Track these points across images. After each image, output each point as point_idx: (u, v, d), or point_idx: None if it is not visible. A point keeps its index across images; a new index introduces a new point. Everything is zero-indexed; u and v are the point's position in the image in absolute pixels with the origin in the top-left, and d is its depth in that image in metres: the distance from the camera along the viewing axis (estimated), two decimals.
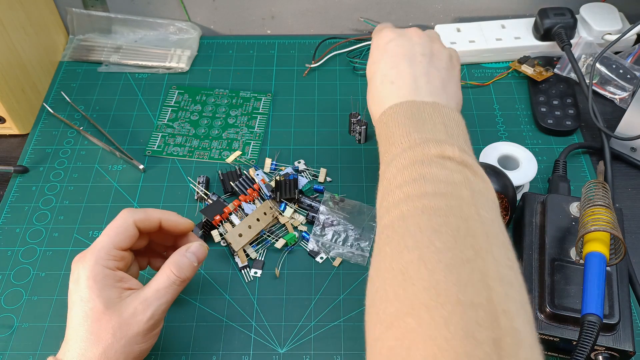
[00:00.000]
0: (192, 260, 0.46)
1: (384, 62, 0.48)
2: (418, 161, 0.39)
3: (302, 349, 0.50)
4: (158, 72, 0.74)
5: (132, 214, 0.45)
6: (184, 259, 0.45)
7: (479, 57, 0.73)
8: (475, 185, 0.38)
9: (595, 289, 0.42)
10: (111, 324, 0.41)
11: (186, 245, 0.47)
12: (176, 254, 0.46)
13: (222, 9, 0.77)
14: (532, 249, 0.51)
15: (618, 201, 0.60)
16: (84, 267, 0.42)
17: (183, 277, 0.44)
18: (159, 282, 0.44)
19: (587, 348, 0.40)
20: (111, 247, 0.43)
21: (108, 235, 0.44)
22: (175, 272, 0.44)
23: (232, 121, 0.68)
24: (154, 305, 0.42)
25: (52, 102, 0.70)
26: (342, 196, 0.58)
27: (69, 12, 0.76)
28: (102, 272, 0.42)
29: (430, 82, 0.47)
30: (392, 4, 0.76)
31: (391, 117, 0.44)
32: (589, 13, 0.72)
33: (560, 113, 0.66)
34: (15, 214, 0.60)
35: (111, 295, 0.42)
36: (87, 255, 0.43)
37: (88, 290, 0.41)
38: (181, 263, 0.45)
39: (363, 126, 0.64)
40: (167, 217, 0.47)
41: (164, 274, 0.44)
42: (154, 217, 0.46)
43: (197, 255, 0.46)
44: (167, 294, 0.43)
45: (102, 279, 0.42)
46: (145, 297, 0.42)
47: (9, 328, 0.52)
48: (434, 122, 0.43)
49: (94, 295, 0.41)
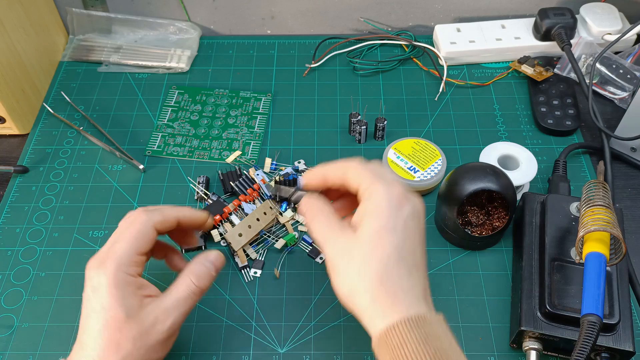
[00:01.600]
0: (210, 269, 0.45)
1: (398, 236, 0.40)
2: None
3: (302, 349, 0.50)
4: (158, 72, 0.74)
5: (150, 216, 0.44)
6: (203, 268, 0.45)
7: (479, 57, 0.73)
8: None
9: (595, 289, 0.42)
10: (132, 333, 0.40)
11: (204, 254, 0.46)
12: (195, 262, 0.45)
13: (222, 9, 0.77)
14: (532, 249, 0.51)
15: (618, 201, 0.60)
16: (105, 274, 0.41)
17: (202, 287, 0.44)
18: (179, 291, 0.43)
19: (587, 348, 0.40)
20: (133, 254, 0.42)
21: (128, 241, 0.43)
22: (195, 281, 0.44)
23: (232, 121, 0.68)
24: (174, 314, 0.42)
25: (52, 102, 0.70)
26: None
27: (69, 12, 0.76)
28: (125, 280, 0.41)
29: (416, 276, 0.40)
30: (392, 4, 0.76)
31: (403, 342, 0.37)
32: (589, 13, 0.72)
33: (560, 113, 0.66)
34: (15, 214, 0.60)
35: (133, 304, 0.41)
36: (107, 261, 0.42)
37: (110, 297, 0.40)
38: (200, 272, 0.44)
39: (363, 126, 0.64)
40: (183, 213, 0.47)
41: (184, 283, 0.43)
42: (171, 216, 0.46)
43: (216, 265, 0.46)
44: (187, 303, 0.43)
45: (124, 287, 0.41)
46: (166, 306, 0.42)
47: (9, 328, 0.52)
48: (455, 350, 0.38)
49: (116, 303, 0.40)
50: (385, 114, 0.67)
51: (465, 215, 0.55)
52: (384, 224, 0.39)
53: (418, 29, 0.79)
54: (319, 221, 0.42)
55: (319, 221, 0.42)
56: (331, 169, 0.44)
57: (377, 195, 0.40)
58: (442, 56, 0.72)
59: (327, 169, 0.44)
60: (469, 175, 0.52)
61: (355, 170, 0.42)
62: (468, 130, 0.66)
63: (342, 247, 0.40)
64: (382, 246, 0.39)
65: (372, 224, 0.39)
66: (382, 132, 0.65)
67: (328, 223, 0.41)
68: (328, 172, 0.44)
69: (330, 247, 0.40)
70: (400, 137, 0.62)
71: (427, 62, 0.74)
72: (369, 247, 0.39)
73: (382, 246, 0.39)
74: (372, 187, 0.41)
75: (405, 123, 0.67)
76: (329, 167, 0.44)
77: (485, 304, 0.53)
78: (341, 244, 0.40)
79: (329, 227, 0.41)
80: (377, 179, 0.41)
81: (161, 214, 0.45)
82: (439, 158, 0.60)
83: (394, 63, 0.74)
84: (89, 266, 0.42)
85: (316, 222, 0.42)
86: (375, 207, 0.40)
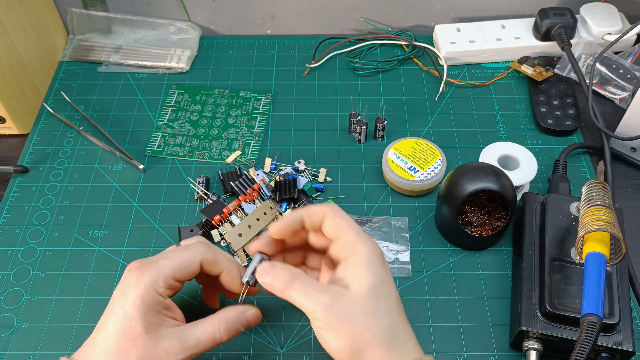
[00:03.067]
0: (242, 325, 0.44)
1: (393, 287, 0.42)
2: None
3: (302, 349, 0.50)
4: (158, 72, 0.74)
5: (204, 252, 0.44)
6: (236, 321, 0.44)
7: (479, 57, 0.73)
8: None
9: (595, 289, 0.42)
10: (144, 348, 0.40)
11: (244, 307, 0.45)
12: (232, 311, 0.44)
13: (222, 9, 0.77)
14: (532, 249, 0.51)
15: (618, 201, 0.60)
16: (138, 285, 0.42)
17: (226, 339, 0.44)
18: (204, 332, 0.43)
19: (587, 348, 0.40)
20: (170, 276, 0.43)
21: (174, 264, 0.43)
22: (223, 331, 0.43)
23: (232, 121, 0.68)
24: (190, 352, 0.42)
25: (52, 102, 0.70)
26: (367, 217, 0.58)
27: (69, 12, 0.76)
28: (153, 297, 0.42)
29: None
30: (392, 4, 0.76)
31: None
32: (589, 13, 0.72)
33: (560, 113, 0.66)
34: (15, 214, 0.60)
35: (154, 321, 0.41)
36: (146, 273, 0.42)
37: (134, 308, 0.41)
38: (233, 324, 0.44)
39: (363, 126, 0.64)
40: (229, 269, 0.45)
41: (212, 326, 0.43)
42: (222, 264, 0.45)
43: (249, 323, 0.45)
44: (205, 346, 0.42)
45: (151, 303, 0.41)
46: (186, 339, 0.42)
47: (8, 328, 0.52)
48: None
49: (138, 315, 0.41)
50: (385, 114, 0.67)
51: (465, 215, 0.55)
52: (382, 279, 0.41)
53: (418, 29, 0.79)
54: (299, 288, 0.41)
55: (299, 288, 0.41)
56: (310, 213, 0.44)
57: (366, 251, 0.41)
58: (442, 56, 0.72)
59: (305, 212, 0.44)
60: (469, 175, 0.52)
61: (336, 219, 0.43)
62: (468, 130, 0.66)
63: (342, 306, 0.39)
64: (386, 299, 0.40)
65: (370, 280, 0.40)
66: (382, 132, 0.65)
67: (311, 287, 0.41)
68: (307, 217, 0.44)
69: (325, 309, 0.39)
70: (400, 137, 0.62)
71: (427, 62, 0.74)
72: (375, 302, 0.40)
73: (386, 299, 0.40)
74: (357, 242, 0.41)
75: (405, 123, 0.67)
76: (307, 211, 0.44)
77: (485, 304, 0.52)
78: (340, 304, 0.39)
79: (314, 291, 0.40)
80: (359, 234, 0.42)
81: (214, 255, 0.45)
82: (439, 158, 0.60)
83: (394, 63, 0.74)
84: (130, 267, 0.43)
85: (295, 290, 0.41)
86: (366, 263, 0.41)
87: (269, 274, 0.42)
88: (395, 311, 0.41)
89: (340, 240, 0.42)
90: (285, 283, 0.41)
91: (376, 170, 0.63)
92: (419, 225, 0.58)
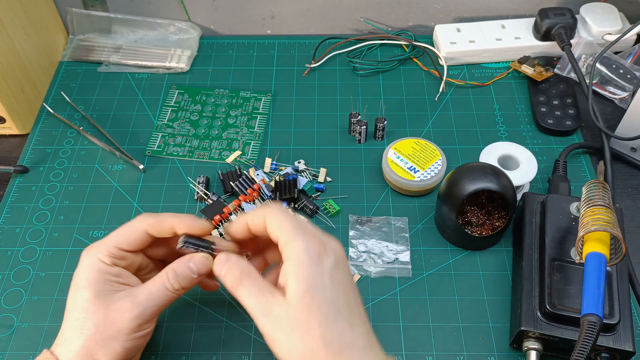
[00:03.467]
0: (192, 271, 0.43)
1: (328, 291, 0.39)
2: None
3: None
4: (158, 72, 0.74)
5: (144, 219, 0.44)
6: (183, 267, 0.43)
7: (479, 57, 0.73)
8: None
9: (595, 289, 0.42)
10: (97, 314, 0.41)
11: (190, 255, 0.44)
12: (178, 261, 0.44)
13: (222, 9, 0.77)
14: (532, 249, 0.51)
15: (618, 201, 0.60)
16: (86, 257, 0.43)
17: (178, 287, 0.43)
18: (154, 284, 0.43)
19: (587, 348, 0.40)
20: (112, 245, 0.43)
21: (116, 233, 0.44)
22: (171, 279, 0.43)
23: (232, 121, 0.68)
24: (143, 306, 0.42)
25: (52, 102, 0.70)
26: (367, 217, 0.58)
27: (69, 12, 0.76)
28: (98, 266, 0.42)
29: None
30: (392, 4, 0.76)
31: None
32: (589, 13, 0.72)
33: (560, 113, 0.66)
34: (15, 214, 0.60)
35: (104, 288, 0.42)
36: (92, 246, 0.44)
37: (84, 279, 0.42)
38: (179, 271, 0.43)
39: (363, 126, 0.64)
40: (180, 220, 0.44)
41: (160, 278, 0.43)
42: (166, 222, 0.44)
43: (199, 268, 0.43)
44: (159, 298, 0.42)
45: (98, 271, 0.42)
46: (136, 295, 0.42)
47: (8, 328, 0.52)
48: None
49: (87, 283, 0.42)
50: (385, 114, 0.67)
51: (465, 215, 0.55)
52: (312, 284, 0.38)
53: (418, 29, 0.79)
54: (246, 287, 0.40)
55: (246, 287, 0.40)
56: (252, 217, 0.43)
57: (296, 252, 0.39)
58: (442, 56, 0.72)
59: (249, 216, 0.43)
60: (469, 175, 0.52)
61: (274, 219, 0.41)
62: (468, 130, 0.66)
63: (277, 316, 0.38)
64: (317, 306, 0.38)
65: (299, 286, 0.38)
66: (382, 132, 0.65)
67: (257, 288, 0.40)
68: (250, 221, 0.43)
69: (264, 319, 0.39)
70: (400, 137, 0.62)
71: (427, 62, 0.74)
72: (305, 311, 0.37)
73: (317, 306, 0.38)
74: (291, 243, 0.39)
75: (405, 123, 0.67)
76: (250, 215, 0.43)
77: (485, 304, 0.52)
78: (275, 313, 0.38)
79: (259, 293, 0.39)
80: (294, 232, 0.40)
81: (156, 218, 0.44)
82: (439, 158, 0.60)
83: (394, 63, 0.74)
84: (84, 250, 0.45)
85: (243, 289, 0.40)
86: (297, 266, 0.38)
87: (223, 266, 0.42)
88: (330, 318, 0.38)
89: (280, 240, 0.40)
90: (235, 280, 0.40)
91: (376, 170, 0.63)
92: (419, 225, 0.58)
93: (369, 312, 0.52)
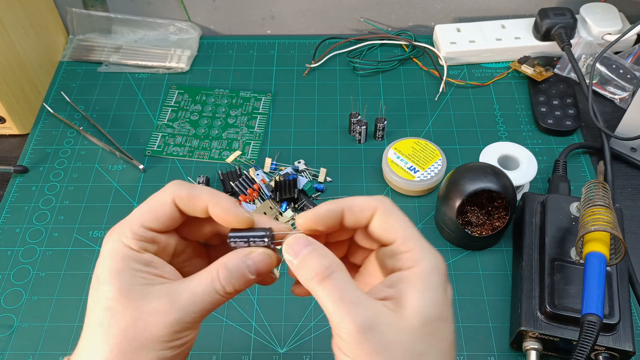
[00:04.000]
0: (249, 270, 0.33)
1: (451, 327, 0.32)
2: None
3: (302, 349, 0.50)
4: (158, 72, 0.74)
5: (174, 189, 0.34)
6: (240, 265, 0.33)
7: (479, 57, 0.73)
8: None
9: (595, 289, 0.42)
10: (124, 316, 0.31)
11: (249, 249, 0.34)
12: (233, 255, 0.33)
13: (222, 9, 0.77)
14: (532, 249, 0.51)
15: (618, 201, 0.60)
16: (108, 242, 0.33)
17: (231, 290, 0.32)
18: (199, 283, 0.32)
19: (587, 348, 0.40)
20: (137, 224, 0.33)
21: (141, 209, 0.34)
22: (222, 278, 0.32)
23: (232, 121, 0.68)
24: (184, 310, 0.31)
25: (52, 102, 0.70)
26: None
27: (69, 12, 0.76)
28: (123, 252, 0.32)
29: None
30: (392, 4, 0.76)
31: None
32: (589, 13, 0.72)
33: (560, 113, 0.66)
34: (15, 214, 0.60)
35: (132, 281, 0.32)
36: (115, 228, 0.33)
37: (107, 270, 0.32)
38: (234, 269, 0.32)
39: (363, 126, 0.64)
40: (217, 201, 0.34)
41: (209, 275, 0.32)
42: (200, 200, 0.34)
43: (258, 267, 0.33)
44: (205, 301, 0.32)
45: (122, 259, 0.32)
46: (176, 295, 0.32)
47: (8, 328, 0.52)
48: None
49: (110, 276, 0.32)
50: (385, 114, 0.67)
51: (465, 215, 0.55)
52: (439, 314, 0.30)
53: (418, 29, 0.79)
54: (339, 284, 0.30)
55: (339, 284, 0.30)
56: (351, 209, 0.33)
57: (427, 267, 0.31)
58: (442, 56, 0.72)
59: (344, 207, 0.34)
60: (469, 175, 0.52)
61: (394, 217, 0.33)
62: (468, 130, 0.66)
63: (383, 334, 0.29)
64: (440, 341, 0.30)
65: (428, 309, 0.30)
66: (382, 132, 0.65)
67: (351, 290, 0.30)
68: (345, 213, 0.34)
69: (358, 330, 0.29)
70: (400, 137, 0.62)
71: (427, 62, 0.74)
72: (427, 342, 0.30)
73: (440, 341, 0.30)
74: (417, 253, 0.32)
75: (405, 123, 0.67)
76: (346, 204, 0.34)
77: (485, 304, 0.53)
78: (381, 329, 0.29)
79: (352, 297, 0.30)
80: (420, 241, 0.32)
81: (190, 190, 0.34)
82: (439, 158, 0.60)
83: (394, 63, 0.74)
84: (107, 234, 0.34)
85: (333, 286, 0.30)
86: (425, 283, 0.31)
87: (300, 252, 0.32)
88: (448, 358, 0.31)
89: (396, 246, 0.32)
90: (319, 274, 0.30)
91: (376, 170, 0.63)
92: (419, 225, 0.58)
93: None
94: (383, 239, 0.33)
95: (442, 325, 0.30)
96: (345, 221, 0.34)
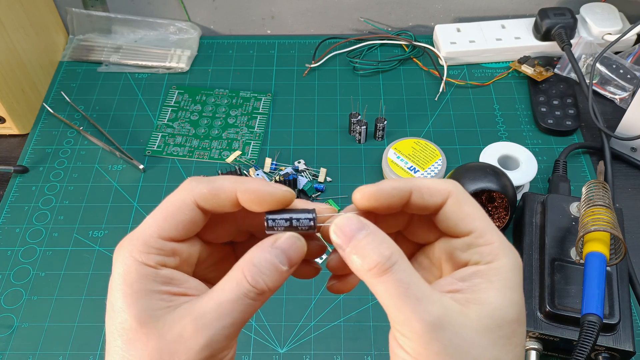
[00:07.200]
0: (279, 260, 0.27)
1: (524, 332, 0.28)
2: None
3: (302, 349, 0.50)
4: (158, 72, 0.74)
5: (193, 188, 0.29)
6: (268, 256, 0.27)
7: (479, 57, 0.73)
8: None
9: (595, 289, 0.42)
10: (147, 347, 0.26)
11: (272, 237, 0.28)
12: (256, 248, 0.28)
13: (222, 9, 0.77)
14: (532, 249, 0.51)
15: (618, 201, 0.60)
16: (119, 262, 0.28)
17: (261, 288, 0.27)
18: (224, 291, 0.27)
19: (587, 348, 0.40)
20: (153, 237, 0.28)
21: (154, 218, 0.29)
22: (249, 276, 0.27)
23: (232, 121, 0.68)
24: (214, 327, 0.26)
25: (52, 102, 0.70)
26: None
27: (69, 12, 0.76)
28: (137, 271, 0.27)
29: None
30: (392, 4, 0.76)
31: None
32: (589, 13, 0.72)
33: (560, 113, 0.66)
34: (15, 214, 0.60)
35: (150, 305, 0.27)
36: (124, 241, 0.28)
37: (121, 295, 0.27)
38: (262, 263, 0.27)
39: (363, 126, 0.64)
40: (245, 186, 0.28)
41: (234, 279, 0.27)
42: (224, 191, 0.28)
43: (288, 254, 0.28)
44: (235, 311, 0.26)
45: (137, 280, 0.27)
46: (202, 312, 0.26)
47: (8, 328, 0.52)
48: None
49: (126, 303, 0.27)
50: (385, 114, 0.67)
51: None
52: (517, 316, 0.27)
53: (418, 29, 0.79)
54: (404, 276, 0.26)
55: (404, 276, 0.26)
56: (420, 190, 0.29)
57: (506, 266, 0.27)
58: (442, 56, 0.72)
59: (413, 186, 0.29)
60: (469, 175, 0.52)
61: (461, 207, 0.29)
62: (468, 130, 0.66)
63: (455, 334, 0.25)
64: (516, 346, 0.27)
65: (507, 310, 0.26)
66: (382, 132, 0.65)
67: (417, 284, 0.26)
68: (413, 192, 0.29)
69: (426, 328, 0.25)
70: (400, 137, 0.62)
71: (427, 62, 0.74)
72: (502, 346, 0.26)
73: (516, 346, 0.27)
74: (499, 249, 0.28)
75: (405, 123, 0.67)
76: (414, 184, 0.29)
77: None
78: (452, 329, 0.25)
79: (418, 292, 0.26)
80: (500, 236, 0.28)
81: (209, 184, 0.29)
82: (439, 158, 0.60)
83: (394, 63, 0.74)
84: (115, 250, 0.29)
85: (389, 280, 0.26)
86: (505, 286, 0.27)
87: (351, 238, 0.27)
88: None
89: (472, 238, 0.28)
90: (378, 265, 0.26)
91: (376, 170, 0.63)
92: None
93: (370, 312, 0.52)
94: (456, 229, 0.29)
95: (519, 330, 0.27)
96: (410, 204, 0.29)
